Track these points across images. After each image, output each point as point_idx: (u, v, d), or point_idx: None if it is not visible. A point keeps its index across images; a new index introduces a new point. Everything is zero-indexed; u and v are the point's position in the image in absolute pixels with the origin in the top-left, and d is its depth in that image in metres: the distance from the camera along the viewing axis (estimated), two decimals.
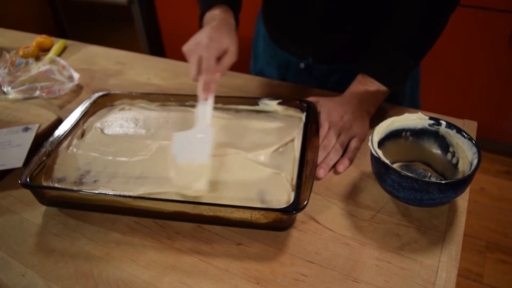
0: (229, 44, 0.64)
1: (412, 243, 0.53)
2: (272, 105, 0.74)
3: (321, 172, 0.64)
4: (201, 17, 0.76)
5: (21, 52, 1.05)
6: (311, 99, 0.75)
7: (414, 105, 0.92)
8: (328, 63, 0.89)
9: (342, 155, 0.67)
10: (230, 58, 0.65)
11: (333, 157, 0.66)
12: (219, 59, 0.63)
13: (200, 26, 0.76)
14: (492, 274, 1.46)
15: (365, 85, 0.73)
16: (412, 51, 0.73)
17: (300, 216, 0.57)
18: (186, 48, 0.65)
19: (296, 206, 0.51)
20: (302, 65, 0.92)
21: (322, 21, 0.82)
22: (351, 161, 0.67)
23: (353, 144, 0.68)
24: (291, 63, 0.94)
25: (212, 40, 0.63)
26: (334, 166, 0.66)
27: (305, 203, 0.51)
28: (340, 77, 0.90)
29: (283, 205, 0.53)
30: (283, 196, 0.56)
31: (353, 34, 0.84)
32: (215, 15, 0.72)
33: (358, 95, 0.72)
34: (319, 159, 0.65)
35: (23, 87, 0.89)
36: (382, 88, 0.72)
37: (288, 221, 0.55)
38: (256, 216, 0.53)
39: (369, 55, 0.75)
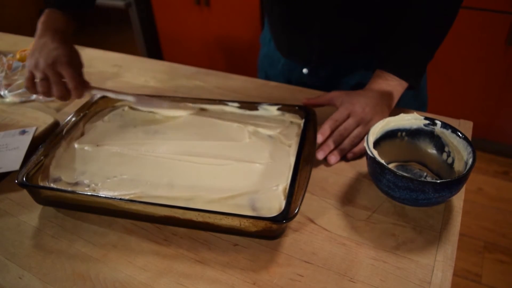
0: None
1: (408, 243, 0.53)
2: (271, 110, 0.73)
3: (332, 159, 0.64)
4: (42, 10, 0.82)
5: (18, 56, 1.06)
6: (333, 93, 0.74)
7: (423, 105, 0.93)
8: (332, 65, 0.90)
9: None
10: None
11: (347, 147, 0.66)
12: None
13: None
14: (491, 274, 1.46)
15: (385, 80, 0.73)
16: (428, 43, 0.73)
17: (296, 217, 0.57)
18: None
19: (286, 215, 0.50)
20: (305, 70, 0.93)
21: (321, 35, 0.84)
22: (355, 155, 0.67)
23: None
24: (295, 69, 0.95)
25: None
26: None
27: (295, 212, 0.50)
28: (343, 75, 0.90)
29: (274, 213, 0.51)
30: (274, 204, 0.55)
31: (356, 45, 0.85)
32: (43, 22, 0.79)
33: (378, 91, 0.72)
34: (333, 144, 0.65)
35: (20, 91, 0.89)
36: (402, 82, 0.73)
37: (278, 230, 0.54)
38: (245, 224, 0.52)
39: (385, 50, 0.75)
